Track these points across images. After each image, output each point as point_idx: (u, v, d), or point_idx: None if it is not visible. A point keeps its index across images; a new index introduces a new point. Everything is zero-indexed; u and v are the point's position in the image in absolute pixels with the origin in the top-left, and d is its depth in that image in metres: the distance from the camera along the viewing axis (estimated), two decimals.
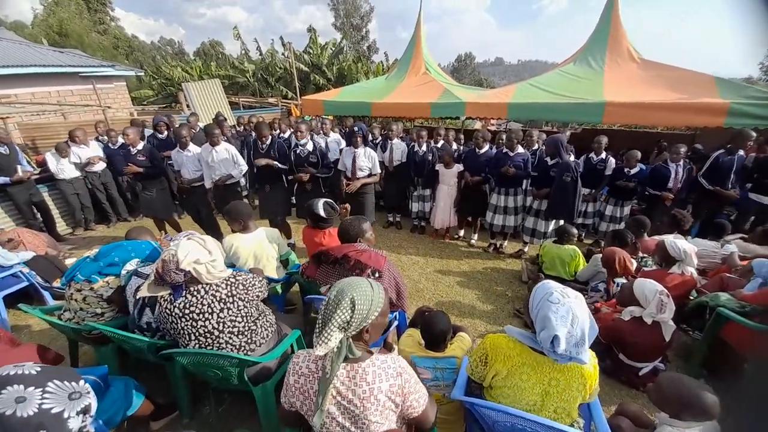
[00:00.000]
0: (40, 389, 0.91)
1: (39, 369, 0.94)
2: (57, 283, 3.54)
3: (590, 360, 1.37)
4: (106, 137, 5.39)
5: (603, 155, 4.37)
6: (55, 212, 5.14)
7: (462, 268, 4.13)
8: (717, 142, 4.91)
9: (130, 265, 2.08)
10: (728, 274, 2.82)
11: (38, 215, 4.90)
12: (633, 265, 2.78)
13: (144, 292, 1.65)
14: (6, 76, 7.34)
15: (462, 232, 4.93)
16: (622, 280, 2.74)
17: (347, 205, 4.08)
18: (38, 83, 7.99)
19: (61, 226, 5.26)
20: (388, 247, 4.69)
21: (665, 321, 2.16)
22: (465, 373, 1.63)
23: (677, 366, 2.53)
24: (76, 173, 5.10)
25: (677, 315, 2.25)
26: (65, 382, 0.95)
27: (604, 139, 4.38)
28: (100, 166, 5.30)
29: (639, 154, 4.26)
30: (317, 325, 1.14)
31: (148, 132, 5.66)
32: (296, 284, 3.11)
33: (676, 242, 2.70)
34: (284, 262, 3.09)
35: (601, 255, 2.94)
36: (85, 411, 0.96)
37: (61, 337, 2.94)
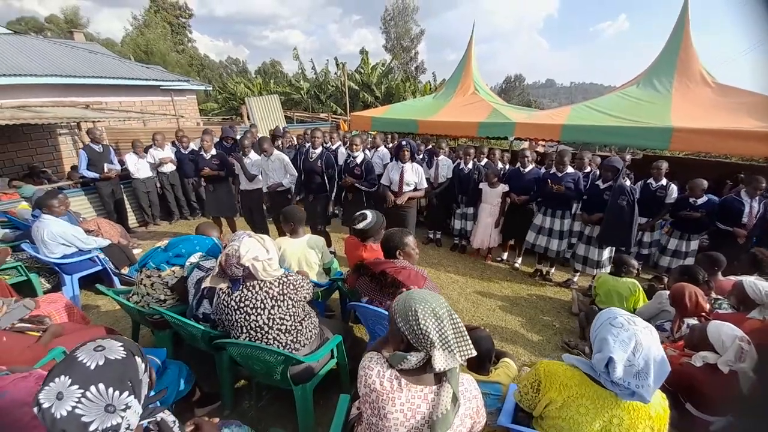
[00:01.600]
0: (81, 392, 0.84)
1: (102, 363, 0.89)
2: (125, 271, 3.92)
3: (660, 402, 1.25)
4: (179, 142, 5.99)
5: (663, 182, 4.06)
6: (127, 207, 5.76)
7: (504, 292, 3.96)
8: None
9: (194, 258, 2.27)
10: None
11: (114, 209, 5.51)
12: (707, 303, 2.50)
13: (207, 283, 1.78)
14: (100, 85, 8.51)
15: (506, 255, 4.75)
16: (692, 321, 2.47)
17: None
18: (125, 93, 9.16)
19: (131, 220, 5.86)
20: (427, 264, 4.63)
21: (745, 372, 1.90)
22: (512, 400, 1.54)
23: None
24: (150, 173, 5.70)
25: (757, 366, 1.98)
26: (110, 389, 0.87)
27: (664, 164, 4.09)
28: (170, 167, 5.88)
29: (705, 183, 3.89)
30: (445, 344, 1.14)
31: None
32: (336, 292, 3.16)
33: (756, 283, 2.40)
34: (327, 270, 3.17)
35: (666, 291, 2.68)
36: (114, 429, 0.87)
37: (124, 320, 3.23)
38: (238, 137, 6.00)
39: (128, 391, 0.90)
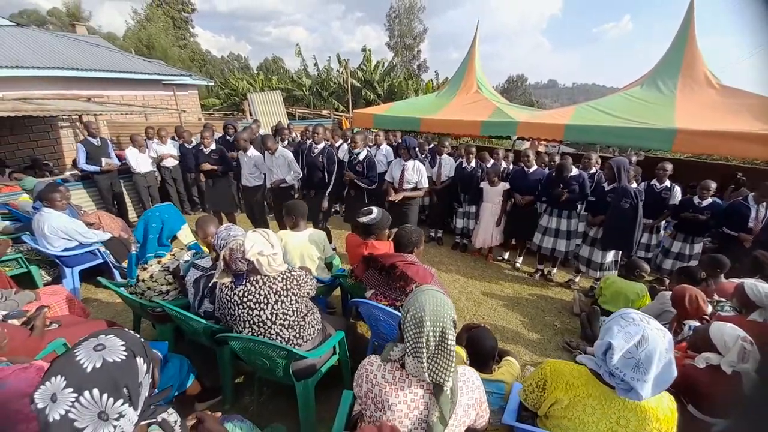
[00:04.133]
0: (75, 396, 0.80)
1: (99, 366, 0.85)
2: (126, 264, 3.91)
3: (668, 405, 1.25)
4: (180, 138, 5.97)
5: (667, 183, 4.04)
6: (127, 201, 5.75)
7: (505, 292, 3.96)
8: None
9: (187, 255, 2.26)
10: None
11: (114, 202, 5.51)
12: (707, 306, 2.49)
13: (215, 279, 1.78)
14: (102, 79, 8.47)
15: (507, 254, 4.75)
16: (694, 323, 2.46)
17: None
18: (127, 87, 9.11)
19: (131, 214, 5.85)
20: (429, 262, 4.58)
21: (748, 372, 1.90)
22: (516, 399, 1.54)
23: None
24: (150, 168, 5.68)
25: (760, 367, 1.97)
26: (104, 395, 0.83)
27: (669, 166, 4.07)
28: (172, 162, 5.87)
29: (714, 185, 3.87)
30: (417, 352, 1.09)
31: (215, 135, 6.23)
32: (337, 288, 3.16)
33: (757, 285, 2.39)
34: (328, 265, 3.16)
35: (668, 292, 2.67)
36: None
37: (125, 313, 3.23)
38: (240, 130, 5.99)
39: (123, 399, 0.87)
